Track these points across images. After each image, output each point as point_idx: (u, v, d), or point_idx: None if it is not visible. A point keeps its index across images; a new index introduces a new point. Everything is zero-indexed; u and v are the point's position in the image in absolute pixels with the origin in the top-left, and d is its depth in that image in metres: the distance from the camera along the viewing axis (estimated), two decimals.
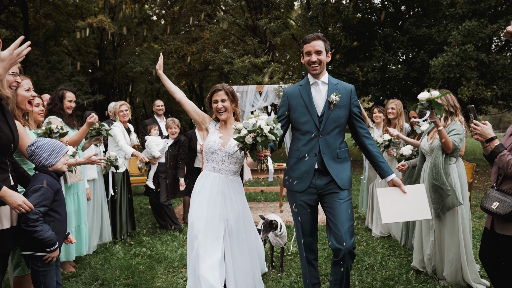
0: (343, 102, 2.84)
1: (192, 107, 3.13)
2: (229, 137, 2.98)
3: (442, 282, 3.56)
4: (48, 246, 2.45)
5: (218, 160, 2.98)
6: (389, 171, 2.88)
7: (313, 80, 2.89)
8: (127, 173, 5.23)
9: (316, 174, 2.83)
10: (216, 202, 2.92)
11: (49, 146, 2.58)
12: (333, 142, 2.82)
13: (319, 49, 2.79)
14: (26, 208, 2.32)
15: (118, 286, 3.58)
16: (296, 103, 2.89)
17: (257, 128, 2.53)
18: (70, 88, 4.01)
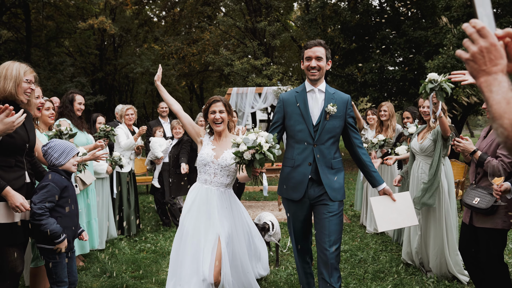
0: (339, 113, 2.81)
1: (188, 120, 3.14)
2: (222, 150, 2.97)
3: (429, 273, 3.80)
4: (54, 238, 2.67)
5: (210, 173, 2.95)
6: (380, 180, 2.91)
7: (310, 87, 2.86)
8: (133, 173, 5.46)
9: (310, 183, 2.81)
10: (205, 216, 2.89)
11: (60, 147, 2.81)
12: (327, 152, 2.80)
13: (319, 55, 2.78)
14: (23, 209, 2.49)
15: (125, 278, 3.82)
16: (291, 110, 2.85)
17: (256, 145, 2.51)
18: (80, 92, 4.25)
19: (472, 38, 1.12)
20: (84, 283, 3.71)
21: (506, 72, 1.12)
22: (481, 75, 1.12)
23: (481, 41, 1.10)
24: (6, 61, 2.76)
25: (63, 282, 2.78)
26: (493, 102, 1.09)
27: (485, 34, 1.10)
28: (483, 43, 1.10)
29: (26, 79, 2.67)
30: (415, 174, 3.97)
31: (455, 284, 3.57)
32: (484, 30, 1.09)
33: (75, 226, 2.87)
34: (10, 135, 2.52)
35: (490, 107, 1.10)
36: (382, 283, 3.65)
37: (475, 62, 1.11)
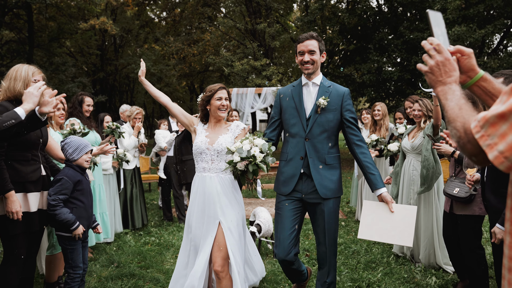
0: (333, 106, 2.73)
1: (179, 110, 3.13)
2: (217, 136, 2.95)
3: (418, 264, 4.05)
4: (69, 226, 2.91)
5: (207, 160, 2.93)
6: (379, 184, 2.65)
7: (305, 81, 2.82)
8: (138, 170, 5.71)
9: (303, 178, 2.76)
10: (208, 203, 2.89)
11: (75, 143, 3.06)
12: (321, 146, 2.72)
13: (312, 48, 2.71)
14: (15, 216, 2.64)
15: (132, 267, 4.06)
16: (287, 104, 2.84)
17: (250, 156, 2.48)
18: (89, 94, 4.50)
19: (429, 54, 1.32)
20: (94, 272, 3.95)
21: (458, 83, 1.31)
22: (438, 85, 1.31)
23: (437, 56, 1.30)
24: (8, 61, 3.00)
25: (78, 267, 3.02)
26: (448, 108, 1.24)
27: (441, 50, 1.30)
28: (439, 57, 1.29)
29: (34, 79, 2.89)
30: (407, 171, 4.21)
31: (440, 273, 3.82)
32: (439, 47, 1.30)
33: (89, 217, 3.11)
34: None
35: (446, 112, 1.25)
36: (373, 272, 3.90)
37: (433, 74, 1.30)
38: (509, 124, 1.01)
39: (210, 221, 2.87)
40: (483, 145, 1.07)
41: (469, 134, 1.13)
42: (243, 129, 3.03)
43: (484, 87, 1.39)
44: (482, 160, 1.11)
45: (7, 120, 2.48)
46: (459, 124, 1.18)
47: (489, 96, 1.40)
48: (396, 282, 3.63)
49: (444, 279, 3.68)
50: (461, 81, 1.39)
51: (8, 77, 2.85)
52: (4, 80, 2.86)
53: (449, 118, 1.22)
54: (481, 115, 1.07)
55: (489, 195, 2.45)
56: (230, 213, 2.87)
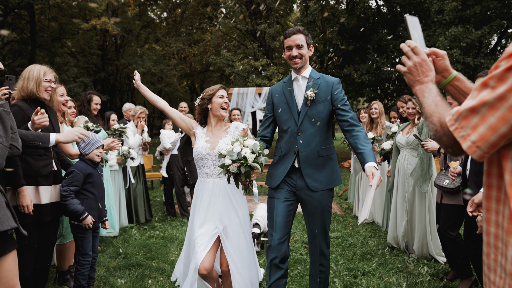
0: (322, 97, 2.70)
1: (177, 114, 3.10)
2: (217, 140, 2.92)
3: (412, 255, 4.24)
4: (78, 216, 3.11)
5: (209, 165, 2.90)
6: (365, 160, 2.51)
7: (295, 75, 2.80)
8: (142, 167, 5.90)
9: (296, 172, 2.75)
10: (212, 208, 2.86)
11: (87, 138, 3.25)
12: (313, 139, 2.70)
13: (299, 43, 2.68)
14: (26, 210, 2.81)
15: (139, 258, 4.25)
16: (278, 101, 2.84)
17: (241, 158, 2.44)
18: (97, 93, 4.70)
19: (408, 55, 1.40)
20: (102, 263, 4.14)
21: (434, 82, 1.43)
22: (416, 84, 1.39)
23: (415, 57, 1.39)
24: (10, 61, 3.18)
25: (87, 254, 3.22)
26: (425, 105, 1.33)
27: (418, 52, 1.39)
28: (416, 59, 1.38)
29: (46, 79, 3.06)
30: (402, 165, 4.40)
31: (432, 263, 4.01)
32: (416, 49, 1.39)
33: (99, 208, 3.30)
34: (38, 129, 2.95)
35: (423, 109, 1.35)
36: (368, 262, 4.09)
37: (411, 74, 1.39)
38: (480, 117, 1.11)
39: (213, 225, 2.83)
40: (457, 136, 1.17)
41: (445, 127, 1.23)
42: (243, 130, 2.96)
43: (457, 86, 1.51)
44: (457, 150, 1.23)
45: (36, 140, 2.69)
46: (436, 119, 1.27)
47: (462, 94, 1.51)
48: (390, 271, 3.82)
49: (435, 268, 3.87)
50: (437, 80, 1.48)
51: (22, 77, 3.04)
52: (19, 80, 3.04)
53: (426, 114, 1.31)
54: (455, 110, 1.19)
55: (472, 187, 2.63)
56: (234, 218, 2.87)
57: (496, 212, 1.22)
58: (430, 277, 3.64)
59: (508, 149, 1.14)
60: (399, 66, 1.45)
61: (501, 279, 1.19)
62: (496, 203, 1.22)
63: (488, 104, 1.10)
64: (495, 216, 1.22)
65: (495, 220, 1.22)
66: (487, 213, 1.25)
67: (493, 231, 1.23)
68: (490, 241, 1.24)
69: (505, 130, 1.08)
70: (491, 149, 1.12)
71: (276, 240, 2.69)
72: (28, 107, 3.00)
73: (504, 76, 1.07)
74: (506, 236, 1.15)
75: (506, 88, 1.06)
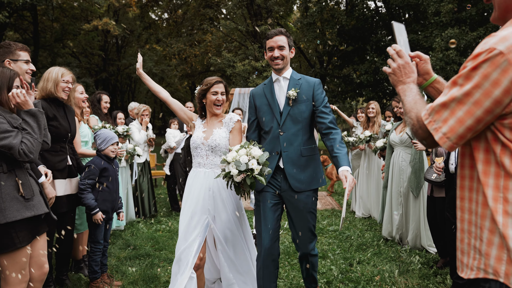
0: (304, 97, 2.73)
1: (178, 106, 3.10)
2: (212, 130, 2.92)
3: (405, 246, 4.49)
4: (90, 210, 3.36)
5: (202, 155, 2.91)
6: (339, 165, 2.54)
7: (276, 76, 2.82)
8: (148, 163, 6.16)
9: (280, 173, 2.75)
10: (200, 198, 2.83)
11: (103, 135, 3.51)
12: (295, 139, 2.73)
13: (281, 44, 2.72)
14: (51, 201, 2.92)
15: (147, 249, 4.50)
16: (260, 103, 2.85)
17: (248, 169, 2.39)
18: (106, 93, 4.94)
19: (393, 58, 1.54)
20: (113, 254, 4.39)
21: (416, 83, 1.52)
22: (399, 84, 1.52)
23: (399, 60, 1.52)
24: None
25: (98, 242, 3.47)
26: (406, 102, 1.46)
27: (402, 55, 1.52)
28: (400, 61, 1.51)
29: (63, 80, 3.31)
30: (396, 162, 4.65)
31: (424, 253, 4.26)
32: (401, 52, 1.53)
33: (113, 200, 3.55)
34: (55, 126, 3.18)
35: (404, 106, 1.47)
36: (363, 252, 4.34)
37: (395, 74, 1.53)
38: (449, 111, 1.25)
39: (201, 216, 2.81)
40: (430, 129, 1.30)
41: (420, 121, 1.35)
42: (238, 121, 2.94)
43: (437, 88, 1.65)
44: (431, 142, 1.37)
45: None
46: (413, 114, 1.39)
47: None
48: (384, 260, 4.07)
49: (426, 257, 4.12)
50: (418, 82, 1.61)
51: (43, 78, 3.29)
52: (40, 81, 3.30)
53: (406, 110, 1.44)
54: (429, 105, 1.35)
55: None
56: (221, 210, 2.83)
57: (469, 200, 1.34)
58: (421, 265, 3.89)
59: (478, 141, 1.29)
60: (385, 68, 1.59)
61: (474, 260, 1.31)
62: (469, 192, 1.35)
63: (456, 99, 1.23)
64: (469, 203, 1.34)
65: (468, 207, 1.35)
66: (461, 201, 1.38)
67: (467, 217, 1.35)
68: (464, 227, 1.36)
69: (471, 123, 1.22)
70: (459, 140, 1.26)
71: (266, 244, 2.69)
72: (48, 106, 3.24)
73: (470, 75, 1.21)
74: (480, 221, 1.28)
75: (471, 86, 1.20)
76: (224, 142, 2.87)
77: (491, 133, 1.25)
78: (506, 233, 1.19)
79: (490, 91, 1.17)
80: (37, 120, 2.25)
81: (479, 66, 1.18)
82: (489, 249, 1.25)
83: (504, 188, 1.22)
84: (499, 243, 1.22)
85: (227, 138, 2.90)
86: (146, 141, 6.13)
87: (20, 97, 2.20)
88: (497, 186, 1.24)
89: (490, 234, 1.25)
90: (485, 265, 1.26)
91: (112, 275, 3.73)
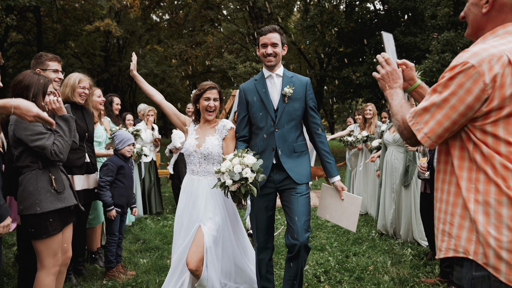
0: (298, 95, 2.79)
1: (172, 110, 3.10)
2: (204, 138, 2.92)
3: (398, 240, 4.78)
4: (106, 206, 3.66)
5: (195, 162, 2.91)
6: (333, 173, 2.85)
7: (268, 73, 2.84)
8: (154, 163, 6.45)
9: (275, 169, 2.80)
10: (191, 206, 2.85)
11: (120, 136, 3.80)
12: (289, 135, 2.79)
13: (274, 41, 2.75)
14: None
15: (156, 243, 4.79)
16: (252, 98, 2.85)
17: (242, 178, 2.41)
18: (117, 95, 5.23)
19: (382, 65, 1.72)
20: (124, 247, 4.67)
21: (402, 88, 1.71)
22: (387, 89, 1.71)
23: (387, 67, 1.70)
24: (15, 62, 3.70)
25: (114, 234, 3.76)
26: (393, 106, 1.64)
27: (390, 63, 1.70)
28: (388, 68, 1.69)
29: (80, 86, 3.60)
30: (389, 160, 4.94)
31: (415, 246, 4.55)
32: (389, 60, 1.71)
33: (128, 195, 3.84)
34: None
35: (391, 109, 1.66)
36: (359, 245, 4.63)
37: (383, 80, 1.71)
38: (430, 114, 1.44)
39: (192, 222, 2.84)
40: (414, 129, 1.48)
41: (405, 123, 1.53)
42: (231, 129, 2.95)
43: (420, 93, 1.86)
44: (414, 141, 1.59)
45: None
46: (399, 117, 1.58)
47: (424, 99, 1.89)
48: (378, 253, 4.36)
49: (418, 250, 4.41)
50: (404, 87, 1.78)
51: (63, 83, 3.58)
52: (61, 86, 3.59)
53: (393, 113, 1.63)
54: (413, 109, 1.56)
55: None
56: (217, 217, 2.83)
57: (441, 191, 1.54)
58: (412, 257, 4.18)
59: (454, 140, 1.50)
60: (375, 74, 1.76)
61: (443, 242, 1.52)
62: (442, 184, 1.54)
63: (436, 104, 1.42)
64: (441, 194, 1.54)
65: (440, 197, 1.55)
66: (436, 192, 1.57)
67: (439, 206, 1.55)
68: (440, 216, 1.55)
69: (448, 124, 1.42)
70: (438, 139, 1.46)
71: (262, 242, 2.89)
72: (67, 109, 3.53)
73: (447, 84, 1.40)
74: (452, 208, 1.50)
75: (448, 93, 1.40)
76: (216, 150, 2.88)
77: (465, 134, 1.44)
78: (476, 218, 1.39)
79: (464, 98, 1.37)
80: (69, 124, 2.54)
81: (455, 77, 1.38)
82: (460, 232, 1.44)
83: (475, 180, 1.42)
84: (469, 227, 1.42)
85: (219, 146, 2.91)
86: (152, 141, 6.42)
87: (56, 104, 2.49)
88: (469, 178, 1.43)
89: (461, 220, 1.45)
90: (456, 246, 1.45)
91: (125, 265, 4.01)
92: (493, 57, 1.35)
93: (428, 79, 12.02)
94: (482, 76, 1.34)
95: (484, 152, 1.40)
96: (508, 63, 1.35)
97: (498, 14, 1.49)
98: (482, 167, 1.40)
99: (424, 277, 3.66)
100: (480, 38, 1.54)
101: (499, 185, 1.37)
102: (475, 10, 1.54)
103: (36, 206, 2.37)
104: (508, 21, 1.49)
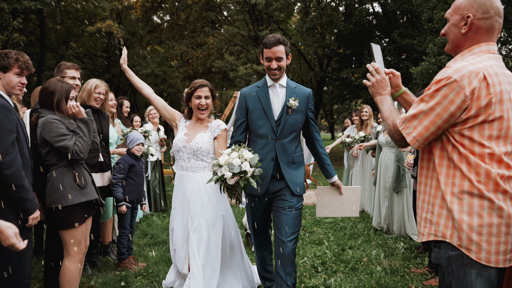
0: (301, 107, 2.78)
1: (161, 104, 3.09)
2: (195, 134, 2.91)
3: (392, 235, 5.07)
4: (117, 202, 3.94)
5: (184, 158, 2.90)
6: (332, 173, 2.95)
7: (271, 82, 2.80)
8: (160, 162, 6.74)
9: (273, 179, 2.78)
10: (186, 201, 2.88)
11: (132, 137, 4.08)
12: (289, 146, 2.78)
13: (279, 55, 2.69)
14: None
15: (163, 237, 5.07)
16: (253, 105, 2.80)
17: (242, 171, 2.41)
18: (126, 98, 5.51)
19: (372, 74, 1.94)
20: (133, 242, 4.95)
21: (390, 94, 1.94)
22: (377, 96, 1.92)
23: (377, 76, 1.91)
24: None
25: (125, 228, 4.05)
26: (383, 111, 1.85)
27: (379, 72, 1.92)
28: (378, 76, 1.91)
29: (96, 91, 3.88)
30: (383, 160, 5.22)
31: (408, 240, 4.83)
32: (379, 69, 1.92)
33: (139, 192, 4.12)
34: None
35: (382, 114, 1.87)
36: (355, 240, 4.91)
37: (373, 87, 1.92)
38: (418, 120, 1.66)
39: (186, 219, 2.89)
40: (403, 133, 1.71)
41: (396, 127, 1.76)
42: (225, 130, 2.95)
43: (405, 98, 2.11)
44: (404, 143, 1.84)
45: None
46: (390, 122, 1.81)
47: (408, 104, 2.15)
48: (372, 247, 4.64)
49: (409, 244, 4.70)
50: (391, 93, 1.98)
51: (82, 88, 3.86)
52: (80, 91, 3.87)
53: (383, 118, 1.85)
54: (402, 116, 1.81)
55: None
56: (201, 214, 2.84)
57: (424, 184, 1.78)
58: (404, 250, 4.47)
59: (436, 141, 1.75)
60: (365, 81, 1.97)
61: (425, 228, 1.75)
62: (425, 178, 1.78)
63: (423, 112, 1.65)
64: (424, 187, 1.78)
65: (423, 190, 1.79)
66: (419, 186, 1.81)
67: (422, 197, 1.79)
68: (423, 206, 1.79)
69: (433, 129, 1.65)
70: (424, 141, 1.69)
71: (259, 241, 3.07)
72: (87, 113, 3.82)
73: (433, 95, 1.63)
74: (432, 199, 1.74)
75: (434, 102, 1.62)
76: (206, 146, 2.87)
77: (445, 136, 1.68)
78: (452, 208, 1.64)
79: (447, 107, 1.60)
80: (88, 126, 2.82)
81: (440, 89, 1.61)
82: (438, 219, 1.69)
83: (452, 176, 1.66)
84: (446, 215, 1.66)
85: (210, 143, 2.90)
86: (157, 141, 6.70)
87: (75, 108, 2.77)
88: (447, 174, 1.67)
89: (440, 209, 1.68)
90: (435, 231, 1.70)
91: (136, 257, 4.29)
92: (471, 73, 1.60)
93: (425, 81, 12.31)
94: (463, 89, 1.58)
95: (461, 152, 1.63)
96: (483, 79, 1.59)
97: (474, 35, 1.74)
98: (458, 165, 1.64)
99: (414, 268, 3.95)
100: (459, 54, 1.79)
101: (471, 180, 1.62)
102: (455, 30, 1.78)
103: (62, 199, 2.65)
104: (483, 41, 1.74)
